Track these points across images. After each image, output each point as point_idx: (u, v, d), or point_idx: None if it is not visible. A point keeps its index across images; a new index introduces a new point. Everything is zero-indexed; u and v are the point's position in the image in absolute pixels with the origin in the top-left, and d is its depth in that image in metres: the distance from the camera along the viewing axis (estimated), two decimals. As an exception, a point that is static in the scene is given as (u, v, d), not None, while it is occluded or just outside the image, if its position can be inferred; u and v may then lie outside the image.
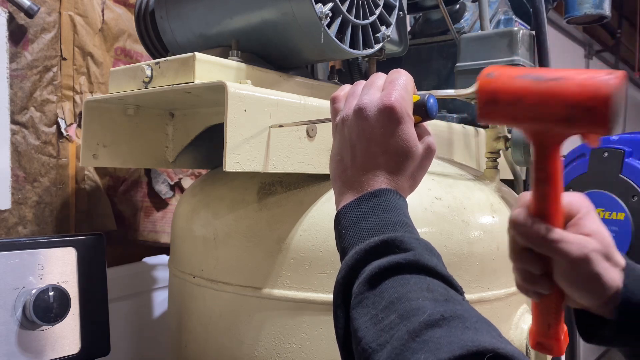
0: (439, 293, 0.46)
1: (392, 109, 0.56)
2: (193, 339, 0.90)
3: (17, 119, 1.04)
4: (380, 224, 0.53)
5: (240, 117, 0.69)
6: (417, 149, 0.58)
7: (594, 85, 0.42)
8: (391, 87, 0.59)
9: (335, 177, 0.60)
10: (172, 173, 1.35)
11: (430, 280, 0.48)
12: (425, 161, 0.61)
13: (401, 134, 0.56)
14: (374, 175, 0.57)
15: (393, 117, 0.56)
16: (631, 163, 1.34)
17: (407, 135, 0.57)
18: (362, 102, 0.57)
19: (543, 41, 0.98)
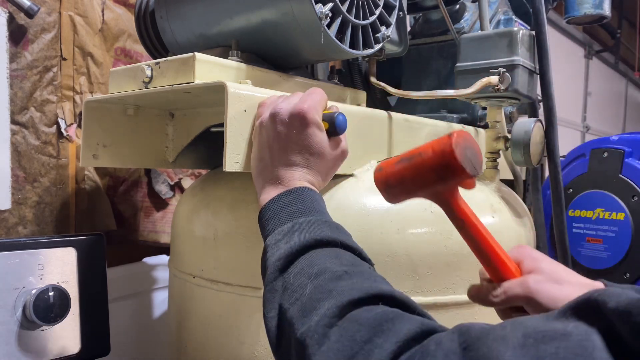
0: (345, 259, 0.53)
1: (303, 113, 0.65)
2: (193, 339, 0.90)
3: (17, 119, 1.04)
4: (297, 211, 0.60)
5: (240, 117, 0.69)
6: (328, 150, 0.67)
7: (440, 149, 0.54)
8: (305, 97, 0.67)
9: (257, 175, 0.67)
10: (172, 173, 1.35)
11: (339, 250, 0.55)
12: (338, 162, 0.71)
13: (313, 136, 0.65)
14: (292, 171, 0.65)
15: (304, 121, 0.65)
16: (631, 163, 1.34)
17: (319, 137, 0.66)
18: (278, 108, 0.66)
19: (543, 41, 0.97)
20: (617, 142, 1.39)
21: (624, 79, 5.89)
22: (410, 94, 0.99)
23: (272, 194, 0.64)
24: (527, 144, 0.94)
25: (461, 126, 1.15)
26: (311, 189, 0.65)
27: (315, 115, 0.66)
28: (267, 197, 0.65)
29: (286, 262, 0.54)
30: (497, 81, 0.91)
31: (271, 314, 0.52)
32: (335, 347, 0.42)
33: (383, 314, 0.43)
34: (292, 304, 0.49)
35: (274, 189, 0.65)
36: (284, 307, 0.50)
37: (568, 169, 1.47)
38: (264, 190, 0.66)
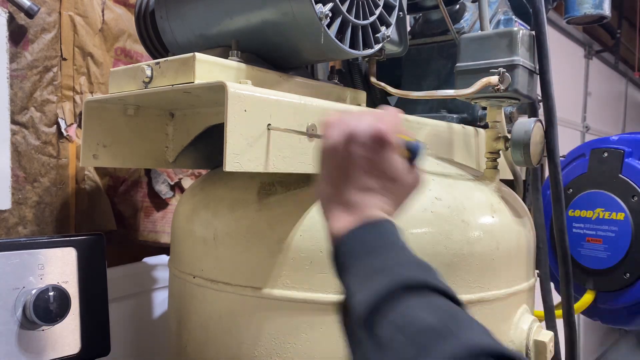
0: (440, 308, 0.47)
1: (383, 134, 0.58)
2: (193, 339, 0.91)
3: (17, 119, 1.04)
4: (379, 248, 0.55)
5: (240, 117, 0.69)
6: (407, 176, 0.61)
7: None
8: (382, 116, 0.61)
9: (327, 200, 0.61)
10: (172, 173, 1.35)
11: (431, 297, 0.49)
12: (413, 191, 0.63)
13: (391, 160, 0.59)
14: (367, 196, 0.58)
15: (384, 143, 0.58)
16: (631, 163, 1.34)
17: (397, 162, 0.60)
18: (352, 127, 0.59)
19: (543, 41, 0.97)
20: (617, 142, 1.39)
21: (624, 79, 5.89)
22: (410, 94, 0.99)
23: (345, 222, 0.57)
24: (527, 144, 0.94)
25: (461, 126, 1.15)
26: (391, 222, 0.58)
27: (394, 137, 0.59)
28: (341, 225, 0.57)
29: (374, 310, 0.48)
30: (497, 81, 0.91)
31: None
32: None
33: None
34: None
35: (346, 215, 0.58)
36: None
37: (568, 169, 1.47)
38: (334, 216, 0.59)
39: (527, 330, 0.89)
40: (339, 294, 0.55)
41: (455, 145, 1.10)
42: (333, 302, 0.78)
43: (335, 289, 0.78)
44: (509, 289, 0.87)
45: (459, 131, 1.12)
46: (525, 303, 0.94)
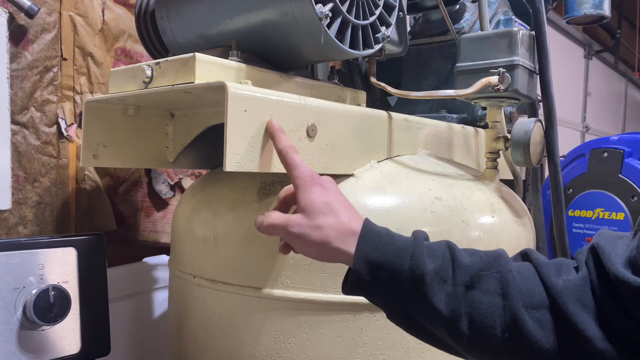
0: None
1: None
2: (193, 339, 0.91)
3: (17, 119, 1.04)
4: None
5: (240, 117, 0.69)
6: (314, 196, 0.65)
7: None
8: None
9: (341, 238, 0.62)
10: (173, 173, 1.35)
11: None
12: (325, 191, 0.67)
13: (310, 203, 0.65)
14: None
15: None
16: (631, 163, 1.34)
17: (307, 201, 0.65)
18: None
19: (543, 41, 0.98)
20: (617, 142, 1.39)
21: (624, 79, 5.89)
22: (410, 94, 0.99)
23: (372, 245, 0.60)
24: (527, 144, 0.94)
25: (461, 126, 1.15)
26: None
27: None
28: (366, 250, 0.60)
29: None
30: (497, 81, 0.91)
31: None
32: None
33: None
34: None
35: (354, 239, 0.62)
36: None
37: (568, 169, 1.47)
38: (349, 247, 0.61)
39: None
40: (338, 294, 0.57)
41: (455, 145, 1.11)
42: (333, 302, 0.79)
43: (335, 288, 0.78)
44: (508, 289, 0.87)
45: (459, 131, 1.12)
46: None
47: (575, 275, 0.53)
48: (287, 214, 0.64)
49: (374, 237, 0.59)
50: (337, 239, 0.60)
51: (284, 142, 0.68)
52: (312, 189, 0.63)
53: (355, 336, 0.78)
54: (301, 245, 0.62)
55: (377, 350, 0.78)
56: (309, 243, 0.61)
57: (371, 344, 0.78)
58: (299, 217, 0.62)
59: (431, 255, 0.58)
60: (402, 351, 0.78)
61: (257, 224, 0.65)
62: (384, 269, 0.57)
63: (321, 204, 0.61)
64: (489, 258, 0.57)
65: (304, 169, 0.65)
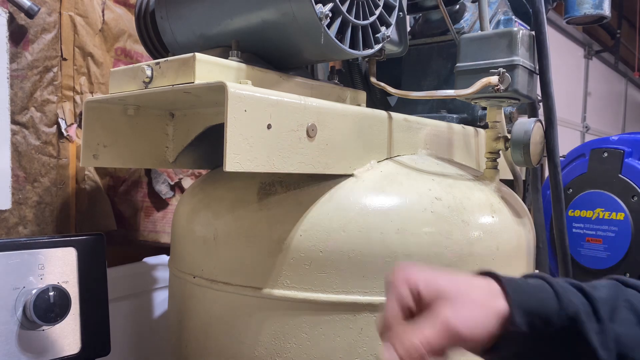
0: None
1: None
2: (193, 339, 0.91)
3: (17, 119, 1.04)
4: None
5: (240, 117, 0.69)
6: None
7: None
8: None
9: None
10: (173, 173, 1.35)
11: None
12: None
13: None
14: None
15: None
16: (631, 163, 1.34)
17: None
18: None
19: (543, 41, 0.98)
20: (617, 142, 1.40)
21: (624, 79, 5.89)
22: (410, 94, 0.99)
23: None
24: (527, 144, 0.94)
25: (461, 126, 1.15)
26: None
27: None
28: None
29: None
30: (497, 81, 0.91)
31: None
32: None
33: None
34: None
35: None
36: None
37: (568, 169, 1.47)
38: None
39: (527, 330, 0.89)
40: (341, 294, 0.55)
41: (455, 145, 1.11)
42: (333, 302, 0.79)
43: (335, 288, 0.78)
44: (508, 289, 0.87)
45: (459, 131, 1.12)
46: (525, 303, 0.94)
47: None
48: (427, 320, 0.52)
49: (515, 284, 0.54)
50: (488, 298, 0.53)
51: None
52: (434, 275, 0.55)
53: (355, 336, 0.78)
54: (470, 337, 0.51)
55: (377, 350, 0.78)
56: (472, 319, 0.51)
57: (371, 344, 0.78)
58: (448, 309, 0.52)
59: (567, 291, 0.53)
60: (402, 351, 0.78)
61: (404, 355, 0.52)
62: (536, 315, 0.52)
63: (447, 284, 0.53)
64: (610, 288, 0.55)
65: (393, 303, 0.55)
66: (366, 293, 0.78)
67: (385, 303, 0.56)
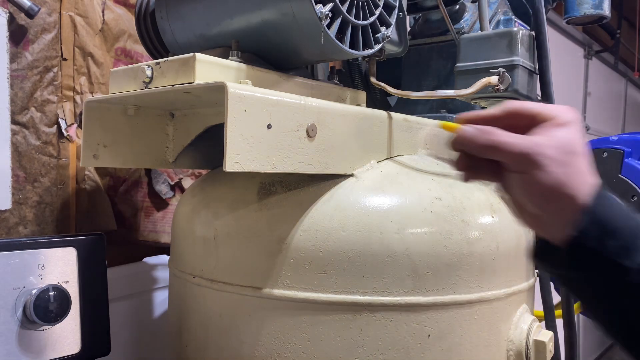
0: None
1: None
2: (193, 339, 0.91)
3: (17, 119, 1.04)
4: None
5: (240, 117, 0.69)
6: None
7: None
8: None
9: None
10: (173, 173, 1.35)
11: None
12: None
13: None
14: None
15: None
16: (631, 163, 1.34)
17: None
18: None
19: (543, 41, 0.98)
20: (617, 142, 1.40)
21: (624, 79, 5.89)
22: (410, 94, 1.00)
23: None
24: (527, 144, 0.94)
25: (461, 126, 1.15)
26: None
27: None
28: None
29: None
30: (496, 81, 0.91)
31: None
32: None
33: None
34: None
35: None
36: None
37: (568, 169, 1.47)
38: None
39: (526, 330, 0.89)
40: (341, 294, 0.55)
41: (455, 145, 1.10)
42: (333, 302, 0.79)
43: (335, 288, 0.78)
44: (508, 289, 0.87)
45: (458, 131, 1.12)
46: (525, 303, 0.94)
47: None
48: (526, 136, 0.52)
49: (610, 199, 0.50)
50: (578, 187, 0.50)
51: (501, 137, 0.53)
52: (571, 126, 0.53)
53: (355, 336, 0.78)
54: (532, 177, 0.50)
55: (377, 350, 0.78)
56: (548, 177, 0.49)
57: (371, 344, 0.78)
58: (550, 145, 0.50)
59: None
60: (402, 351, 0.78)
61: (469, 139, 0.54)
62: (616, 239, 0.47)
63: (576, 145, 0.52)
64: None
65: (551, 106, 0.55)
66: (366, 293, 0.78)
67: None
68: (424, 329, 0.79)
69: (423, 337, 0.79)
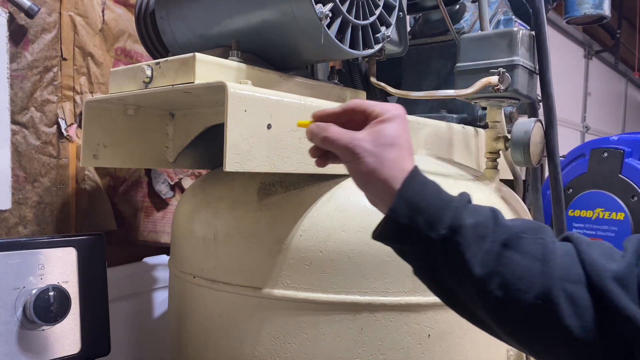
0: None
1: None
2: (193, 339, 0.91)
3: (17, 119, 1.04)
4: None
5: (240, 117, 0.69)
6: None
7: None
8: None
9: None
10: (173, 173, 1.35)
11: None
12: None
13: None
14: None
15: None
16: (631, 163, 1.34)
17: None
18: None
19: (543, 41, 0.98)
20: (617, 142, 1.40)
21: (624, 79, 5.89)
22: (410, 94, 1.00)
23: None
24: (527, 144, 0.94)
25: (461, 126, 1.15)
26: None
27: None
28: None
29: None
30: (497, 81, 0.91)
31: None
32: None
33: None
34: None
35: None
36: None
37: (568, 169, 1.47)
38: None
39: (527, 330, 0.89)
40: (341, 294, 0.56)
41: (455, 145, 1.11)
42: (333, 302, 0.79)
43: (335, 288, 0.78)
44: (508, 289, 0.87)
45: (459, 131, 1.12)
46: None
47: (620, 260, 0.51)
48: (350, 131, 0.62)
49: (420, 182, 0.59)
50: (389, 173, 0.59)
51: (339, 134, 0.63)
52: (393, 121, 0.62)
53: (355, 336, 0.78)
54: (354, 165, 0.61)
55: (377, 350, 0.78)
56: (363, 165, 0.60)
57: (371, 344, 0.78)
58: (366, 139, 0.60)
59: (472, 212, 0.57)
60: (402, 351, 0.78)
61: (310, 134, 0.63)
62: (422, 215, 0.56)
63: (392, 138, 0.61)
64: (534, 225, 0.56)
65: (381, 104, 0.64)
66: (366, 293, 0.78)
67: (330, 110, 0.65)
68: (424, 329, 0.79)
69: (423, 337, 0.79)
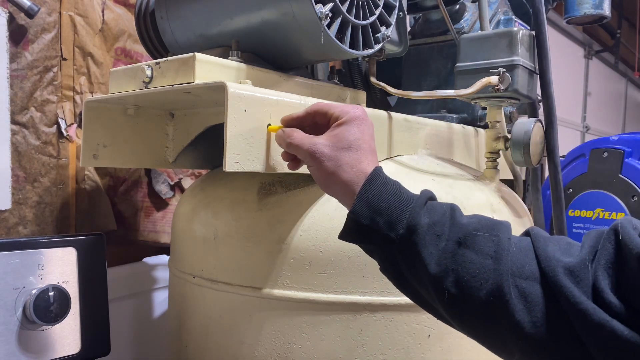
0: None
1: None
2: (193, 339, 0.91)
3: (17, 119, 1.04)
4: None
5: (240, 117, 0.69)
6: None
7: None
8: None
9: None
10: (173, 173, 1.35)
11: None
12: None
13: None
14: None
15: None
16: (631, 163, 1.34)
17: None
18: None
19: (543, 41, 0.98)
20: (617, 142, 1.40)
21: (624, 79, 5.89)
22: (410, 94, 1.00)
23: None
24: (527, 144, 0.94)
25: (461, 126, 1.15)
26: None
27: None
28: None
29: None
30: (497, 81, 0.91)
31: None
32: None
33: None
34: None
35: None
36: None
37: (568, 169, 1.47)
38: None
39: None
40: (341, 294, 0.57)
41: (455, 145, 1.11)
42: (333, 302, 0.79)
43: (335, 288, 0.78)
44: (508, 289, 0.87)
45: (459, 131, 1.12)
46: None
47: (576, 255, 0.51)
48: (311, 136, 0.65)
49: (380, 184, 0.60)
50: (349, 176, 0.61)
51: (300, 139, 0.67)
52: (351, 123, 0.64)
53: (355, 336, 0.78)
54: (315, 169, 0.64)
55: (377, 350, 0.78)
56: (322, 169, 0.63)
57: (371, 344, 0.78)
58: (325, 144, 0.63)
59: (430, 211, 0.58)
60: (402, 351, 0.78)
61: (279, 140, 0.68)
62: (382, 216, 0.58)
63: (350, 141, 0.63)
64: (489, 222, 0.57)
65: (342, 106, 0.67)
66: (366, 293, 0.78)
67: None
68: (424, 329, 0.79)
69: (423, 337, 0.79)
